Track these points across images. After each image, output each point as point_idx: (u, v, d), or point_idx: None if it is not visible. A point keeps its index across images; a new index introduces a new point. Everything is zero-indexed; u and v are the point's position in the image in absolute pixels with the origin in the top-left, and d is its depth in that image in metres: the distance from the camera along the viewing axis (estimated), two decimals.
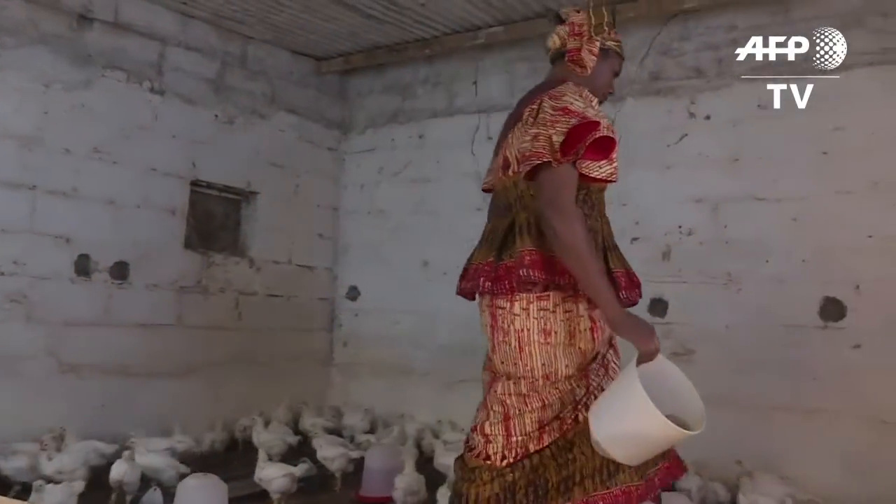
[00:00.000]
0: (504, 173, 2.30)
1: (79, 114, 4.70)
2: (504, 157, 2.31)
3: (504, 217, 2.28)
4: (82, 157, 4.71)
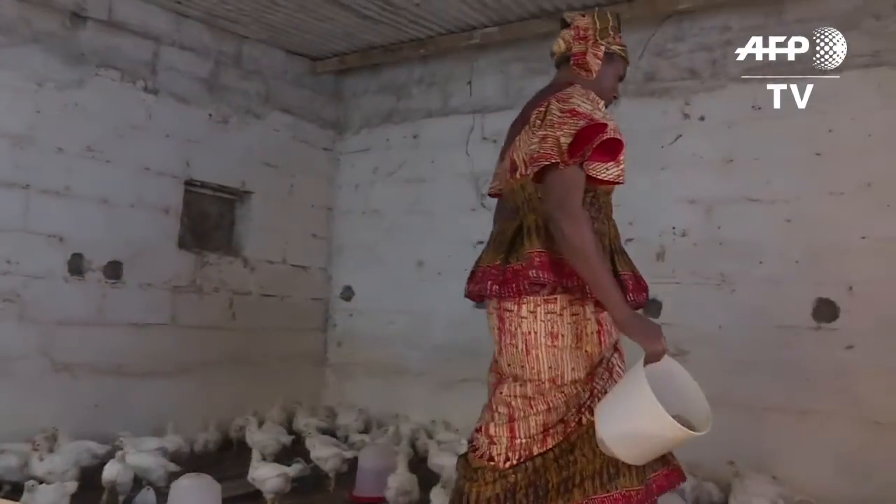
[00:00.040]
0: (512, 176, 2.31)
1: (72, 113, 4.68)
2: (511, 160, 2.32)
3: (512, 220, 2.28)
4: (75, 156, 4.69)
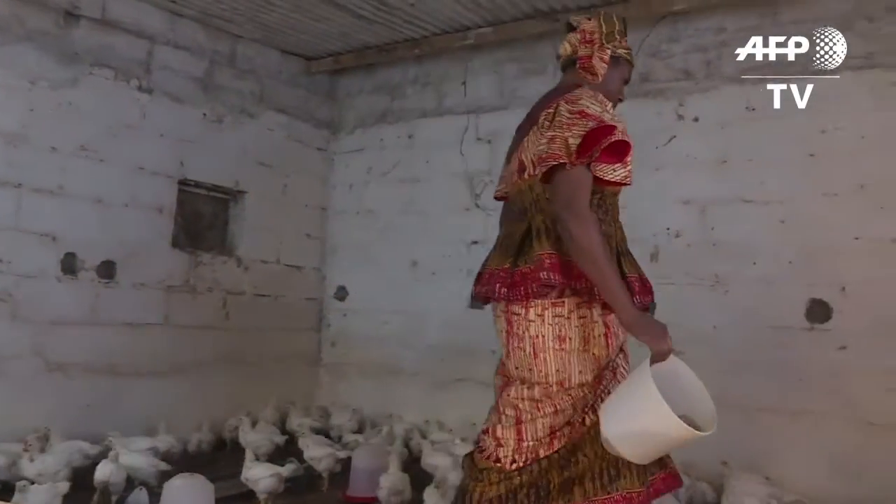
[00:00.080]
0: (520, 177, 2.32)
1: (65, 111, 4.67)
2: (520, 161, 2.33)
3: (520, 222, 2.29)
4: (69, 155, 4.67)
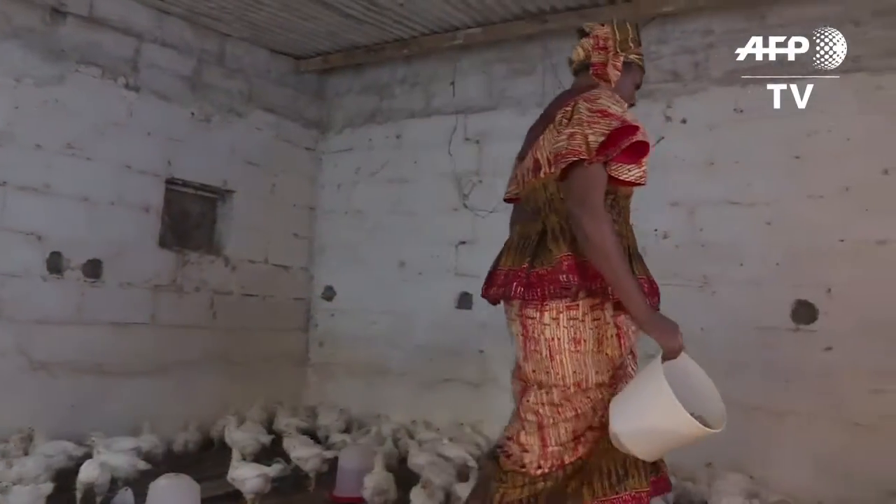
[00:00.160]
0: (535, 176, 2.32)
1: (51, 109, 4.63)
2: (535, 160, 2.33)
3: (533, 222, 2.29)
4: (55, 153, 4.64)
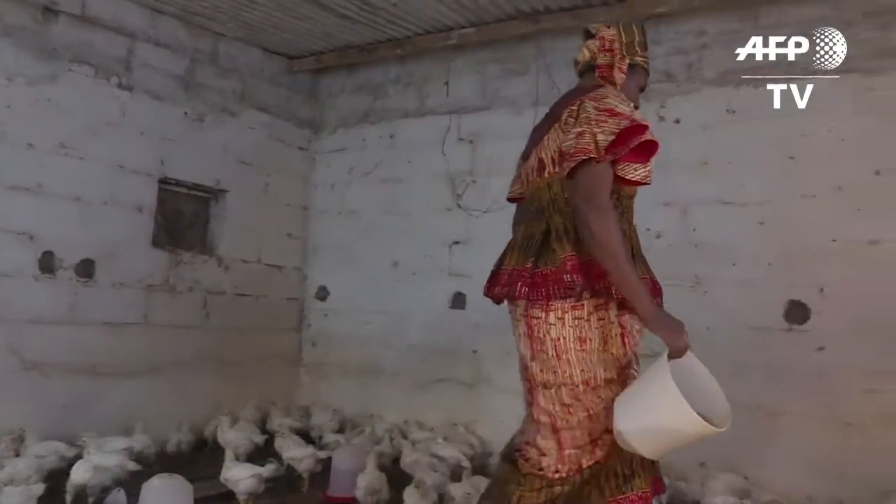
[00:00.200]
0: (540, 175, 2.31)
1: (43, 108, 4.61)
2: (539, 159, 2.32)
3: (537, 221, 2.29)
4: (47, 153, 4.62)
